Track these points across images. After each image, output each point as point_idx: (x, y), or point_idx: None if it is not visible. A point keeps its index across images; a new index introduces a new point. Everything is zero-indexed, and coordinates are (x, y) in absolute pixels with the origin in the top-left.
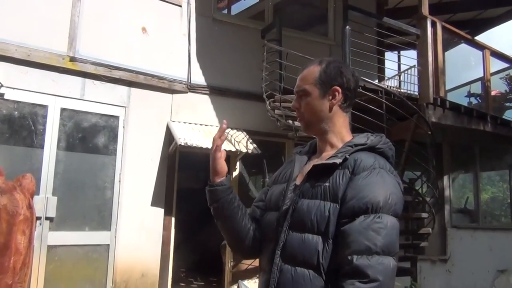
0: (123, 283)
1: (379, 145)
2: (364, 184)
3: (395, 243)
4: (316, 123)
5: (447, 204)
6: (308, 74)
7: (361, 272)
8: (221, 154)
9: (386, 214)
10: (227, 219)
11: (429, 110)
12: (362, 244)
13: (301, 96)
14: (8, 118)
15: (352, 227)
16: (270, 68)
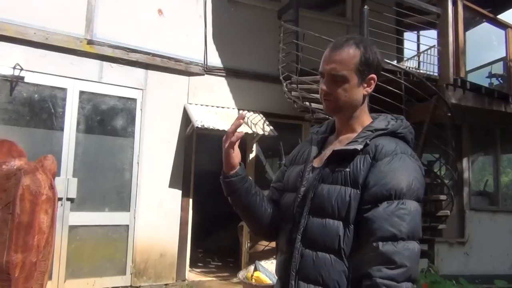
0: (142, 263)
1: (400, 130)
2: (387, 170)
3: (419, 228)
4: (347, 109)
5: (466, 187)
6: (348, 59)
7: (388, 258)
8: (235, 147)
9: (409, 200)
10: (246, 207)
11: (449, 91)
12: (387, 231)
13: (336, 81)
14: (28, 101)
15: (376, 213)
16: (286, 49)
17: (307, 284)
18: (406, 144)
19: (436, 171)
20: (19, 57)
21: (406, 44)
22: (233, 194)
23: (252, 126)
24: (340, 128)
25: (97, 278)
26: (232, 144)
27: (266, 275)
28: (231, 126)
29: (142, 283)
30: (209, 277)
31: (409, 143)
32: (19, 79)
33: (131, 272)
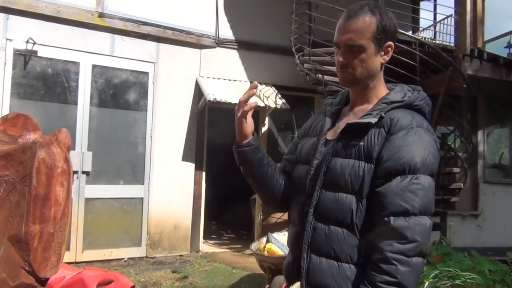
0: (157, 235)
1: (417, 102)
2: (401, 144)
3: (432, 203)
4: (364, 80)
5: (481, 159)
6: (364, 27)
7: (399, 233)
8: (247, 117)
9: (423, 175)
10: (258, 177)
11: (465, 62)
12: (399, 206)
13: (353, 51)
14: (42, 75)
15: (389, 188)
16: (299, 20)
17: (319, 258)
18: (422, 116)
19: (450, 143)
20: (32, 31)
21: (422, 14)
22: (245, 163)
23: (264, 99)
24: (355, 99)
25: (113, 249)
26: (245, 113)
27: (278, 246)
28: (243, 95)
29: (157, 254)
30: (223, 248)
31: (425, 115)
32: (32, 53)
33: (146, 244)
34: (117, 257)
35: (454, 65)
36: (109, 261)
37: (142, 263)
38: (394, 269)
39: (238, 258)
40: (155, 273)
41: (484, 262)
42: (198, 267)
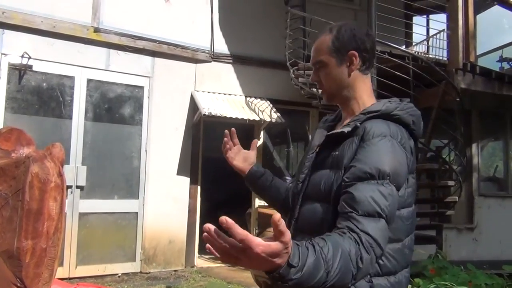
0: (151, 249)
1: (395, 112)
2: (373, 150)
3: (394, 214)
4: (338, 92)
5: (475, 172)
6: (320, 45)
7: (367, 232)
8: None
9: (392, 183)
10: (263, 194)
11: (458, 76)
12: (370, 206)
13: (318, 68)
14: (37, 89)
15: (358, 189)
16: (293, 35)
17: None
18: (401, 128)
19: (445, 157)
20: (27, 45)
21: (415, 29)
22: (251, 187)
23: (259, 113)
24: (345, 114)
25: (107, 264)
26: (230, 159)
27: None
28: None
29: (151, 269)
30: (218, 263)
31: (409, 126)
32: (27, 68)
33: (140, 259)
34: (111, 272)
35: (447, 79)
36: (103, 276)
37: (136, 279)
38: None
39: (233, 273)
40: None
41: (481, 275)
42: (193, 282)
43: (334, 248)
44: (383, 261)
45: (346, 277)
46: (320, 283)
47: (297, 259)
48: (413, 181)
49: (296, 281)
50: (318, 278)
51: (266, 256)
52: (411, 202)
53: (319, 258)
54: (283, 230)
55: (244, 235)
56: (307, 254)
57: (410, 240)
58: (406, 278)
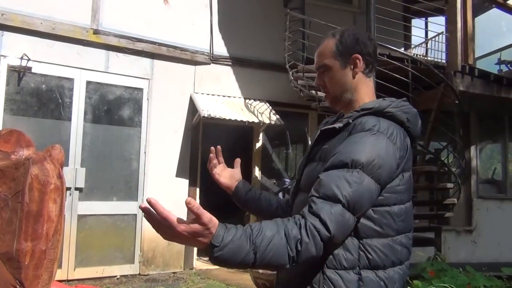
0: (150, 251)
1: (388, 109)
2: (354, 141)
3: (362, 205)
4: (342, 95)
5: (474, 175)
6: (324, 49)
7: (318, 215)
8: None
9: (366, 175)
10: (253, 207)
11: (457, 78)
12: (330, 190)
13: (322, 72)
14: (36, 91)
15: (327, 174)
16: (292, 37)
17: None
18: (394, 124)
19: (444, 159)
20: (26, 47)
21: (414, 31)
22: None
23: (258, 115)
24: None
25: (106, 266)
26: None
27: None
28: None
29: (150, 271)
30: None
31: (403, 124)
32: (26, 70)
33: (139, 261)
34: (110, 274)
35: (446, 81)
36: (102, 278)
37: (135, 281)
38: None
39: (232, 275)
40: None
41: (479, 277)
42: (192, 284)
43: (268, 231)
44: (372, 255)
45: (280, 258)
46: (247, 262)
47: (220, 239)
48: (408, 178)
49: (219, 259)
50: (244, 257)
51: (188, 235)
52: (404, 199)
53: (245, 240)
54: (198, 213)
55: (165, 214)
56: (233, 235)
57: (404, 238)
58: (400, 275)
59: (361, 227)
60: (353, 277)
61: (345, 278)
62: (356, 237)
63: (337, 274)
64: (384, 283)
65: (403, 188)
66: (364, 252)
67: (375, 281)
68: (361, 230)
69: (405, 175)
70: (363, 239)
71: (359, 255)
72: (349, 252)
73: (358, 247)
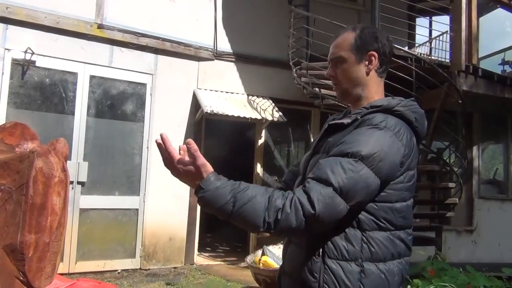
0: (151, 246)
1: (397, 107)
2: (358, 133)
3: (356, 193)
4: (352, 90)
5: (476, 175)
6: (343, 41)
7: (308, 194)
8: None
9: (364, 166)
10: None
11: (461, 78)
12: (324, 173)
13: (336, 63)
14: (40, 85)
15: (326, 159)
16: (297, 34)
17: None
18: (402, 122)
19: (446, 158)
20: (30, 41)
21: (418, 30)
22: None
23: (261, 112)
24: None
25: (107, 260)
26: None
27: (274, 259)
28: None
29: (151, 266)
30: (217, 261)
31: (411, 123)
32: (30, 63)
33: (140, 255)
34: (111, 268)
35: (450, 80)
36: (103, 272)
37: (136, 275)
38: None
39: (233, 271)
40: (149, 285)
41: (479, 277)
42: (193, 280)
43: (252, 191)
44: (374, 248)
45: (255, 218)
46: (225, 210)
47: (207, 183)
48: (412, 177)
49: (201, 200)
50: (223, 204)
51: (184, 173)
52: (407, 197)
53: (229, 190)
54: (194, 154)
55: (170, 149)
56: (220, 184)
57: (403, 233)
58: (399, 269)
59: (364, 219)
60: (354, 268)
61: (346, 269)
62: (359, 229)
63: (338, 264)
64: (385, 275)
65: (407, 186)
66: (367, 244)
67: (376, 274)
68: (363, 222)
69: (409, 174)
70: (366, 231)
71: (362, 247)
72: (351, 244)
73: (361, 239)
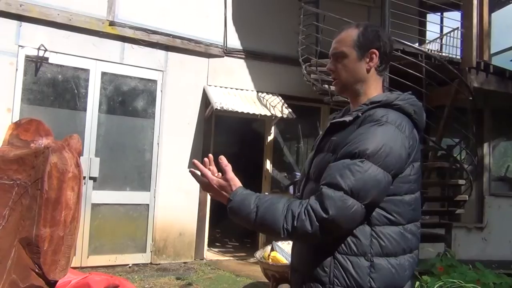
0: (162, 241)
1: (396, 101)
2: (361, 132)
3: (367, 191)
4: (351, 85)
5: (486, 172)
6: (345, 37)
7: (320, 200)
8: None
9: (371, 163)
10: None
11: (471, 74)
12: (334, 178)
13: (337, 58)
14: (52, 81)
15: (334, 164)
16: (306, 31)
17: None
18: (403, 116)
19: (456, 155)
20: (43, 38)
21: (429, 26)
22: None
23: (270, 109)
24: (352, 108)
25: (118, 254)
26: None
27: (283, 255)
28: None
29: (161, 260)
30: (227, 256)
31: (411, 116)
32: (43, 60)
33: (151, 250)
34: (122, 263)
35: (460, 77)
36: (114, 266)
37: (146, 270)
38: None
39: (242, 266)
40: (159, 280)
41: (489, 274)
42: (202, 275)
43: (273, 200)
44: (385, 242)
45: (275, 224)
46: (250, 218)
47: (235, 194)
48: (418, 168)
49: (231, 209)
50: (248, 213)
51: (218, 188)
52: (415, 189)
53: (253, 200)
54: (225, 169)
55: (205, 170)
56: (246, 195)
57: (413, 227)
58: (410, 263)
59: (374, 215)
60: (363, 263)
61: (355, 263)
62: (368, 224)
63: (348, 259)
64: (396, 270)
65: (414, 178)
66: (377, 239)
67: (387, 268)
68: (373, 217)
69: (415, 165)
70: (376, 226)
71: (371, 242)
72: (359, 239)
73: (370, 234)
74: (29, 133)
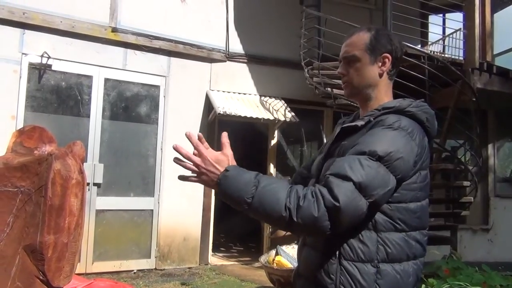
0: (166, 247)
1: (408, 108)
2: (373, 134)
3: (375, 189)
4: (363, 89)
5: (491, 173)
6: (357, 40)
7: (329, 187)
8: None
9: (381, 164)
10: None
11: (475, 75)
12: (343, 169)
13: (349, 62)
14: (56, 88)
15: (342, 158)
16: (308, 35)
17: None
18: (415, 123)
19: (460, 157)
20: (47, 45)
21: (431, 28)
22: None
23: (273, 113)
24: (362, 113)
25: (123, 260)
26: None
27: (287, 259)
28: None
29: (166, 266)
30: (231, 261)
31: (423, 123)
32: (47, 67)
33: (155, 256)
34: (127, 268)
35: (463, 78)
36: (119, 272)
37: (151, 275)
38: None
39: (247, 271)
40: (164, 285)
41: (495, 276)
42: (207, 280)
43: (274, 179)
44: (390, 249)
45: (276, 201)
46: (246, 193)
47: (232, 166)
48: (425, 177)
49: (224, 177)
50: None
51: (212, 161)
52: (421, 197)
53: (254, 175)
54: (225, 143)
55: (196, 143)
56: (245, 170)
57: (419, 234)
58: (414, 270)
59: (380, 221)
60: (370, 269)
61: (362, 270)
62: (375, 231)
63: (354, 266)
64: (400, 276)
65: (420, 186)
66: (383, 246)
67: (392, 274)
68: (379, 224)
69: (422, 173)
70: (382, 232)
71: (378, 248)
72: (366, 245)
73: (377, 240)
74: (33, 140)
